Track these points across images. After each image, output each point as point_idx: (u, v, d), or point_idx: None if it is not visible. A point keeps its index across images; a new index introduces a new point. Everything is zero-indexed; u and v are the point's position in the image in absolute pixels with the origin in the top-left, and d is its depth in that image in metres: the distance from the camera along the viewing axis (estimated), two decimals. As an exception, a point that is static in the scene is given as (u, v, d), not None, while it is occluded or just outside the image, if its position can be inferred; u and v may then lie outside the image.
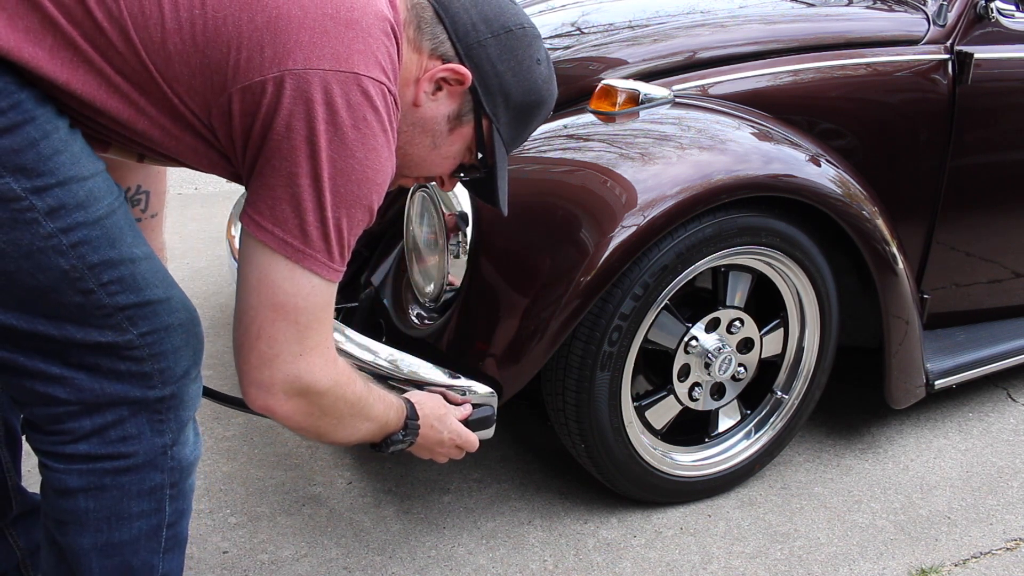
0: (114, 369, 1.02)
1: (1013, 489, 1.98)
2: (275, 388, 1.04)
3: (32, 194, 0.92)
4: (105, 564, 1.09)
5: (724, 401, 1.88)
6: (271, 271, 1.00)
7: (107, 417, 1.04)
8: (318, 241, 1.00)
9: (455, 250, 1.61)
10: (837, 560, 1.74)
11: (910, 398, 2.01)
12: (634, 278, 1.59)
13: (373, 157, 1.01)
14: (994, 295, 2.29)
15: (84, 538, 1.07)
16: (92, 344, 1.00)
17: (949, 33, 2.02)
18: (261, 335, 1.02)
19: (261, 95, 0.96)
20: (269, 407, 1.06)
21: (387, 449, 1.32)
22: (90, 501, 1.06)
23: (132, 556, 1.11)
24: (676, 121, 1.71)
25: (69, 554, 1.09)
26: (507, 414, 1.72)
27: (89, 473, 1.05)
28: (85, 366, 1.01)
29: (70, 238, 0.95)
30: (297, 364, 1.04)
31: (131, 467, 1.06)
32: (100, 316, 0.99)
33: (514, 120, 1.19)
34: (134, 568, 1.11)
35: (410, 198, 1.72)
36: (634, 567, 1.70)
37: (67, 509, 1.06)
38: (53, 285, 0.95)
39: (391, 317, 1.76)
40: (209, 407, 2.22)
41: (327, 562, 1.69)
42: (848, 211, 1.73)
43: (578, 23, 2.15)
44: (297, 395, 1.06)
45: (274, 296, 1.01)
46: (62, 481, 1.05)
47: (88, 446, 1.04)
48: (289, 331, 1.02)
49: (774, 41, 1.94)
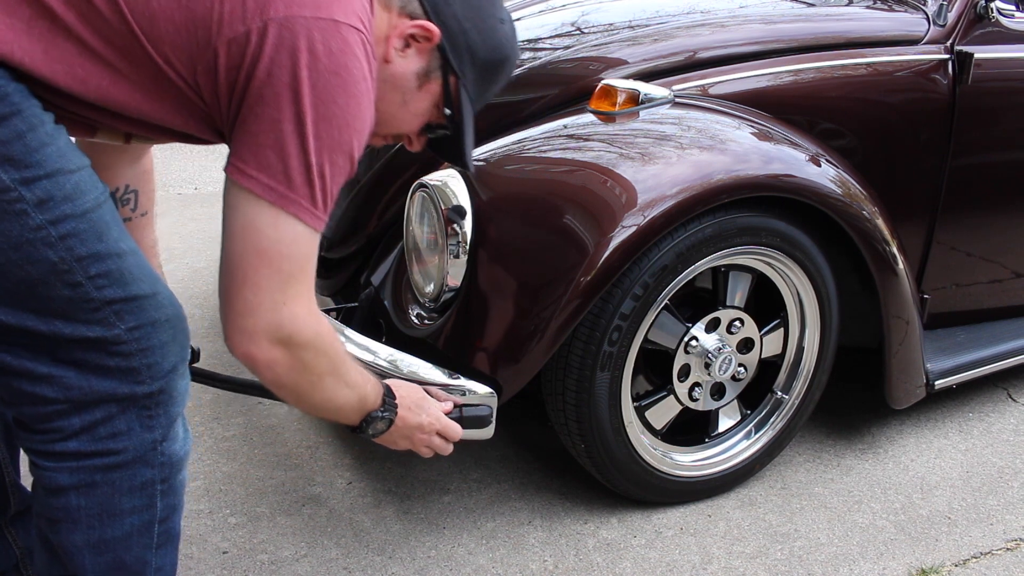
0: (102, 365, 1.02)
1: (1013, 489, 1.98)
2: (258, 335, 1.04)
3: (21, 185, 0.92)
4: (98, 561, 1.09)
5: (724, 401, 1.88)
6: (256, 217, 1.01)
7: (96, 414, 1.04)
8: (302, 186, 1.01)
9: (455, 250, 1.61)
10: (837, 560, 1.74)
11: (910, 398, 2.01)
12: (634, 278, 1.59)
13: (354, 104, 1.02)
14: (994, 295, 2.29)
15: (76, 535, 1.07)
16: (80, 339, 1.00)
17: (949, 33, 2.02)
18: (246, 282, 1.03)
19: (245, 45, 0.96)
20: (251, 355, 1.06)
21: (367, 428, 1.30)
22: (81, 498, 1.06)
23: (125, 552, 1.11)
24: (676, 121, 1.71)
25: (62, 552, 1.09)
26: (507, 414, 1.72)
27: (80, 470, 1.05)
28: (73, 363, 1.01)
29: (59, 230, 0.95)
30: (280, 312, 1.04)
31: (121, 463, 1.07)
32: (88, 310, 0.99)
33: (480, 78, 1.21)
34: (127, 564, 1.12)
35: (410, 198, 1.72)
36: (634, 567, 1.70)
37: (59, 507, 1.06)
38: (42, 277, 0.96)
39: (391, 317, 1.76)
40: (209, 407, 2.22)
41: (327, 562, 1.69)
42: (848, 211, 1.73)
43: (578, 23, 2.16)
44: (279, 344, 1.06)
45: (259, 242, 1.02)
46: (53, 479, 1.05)
47: (78, 443, 1.04)
48: (273, 279, 1.03)
49: (774, 41, 1.94)
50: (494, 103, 1.91)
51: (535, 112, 1.86)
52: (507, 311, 1.58)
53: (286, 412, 2.21)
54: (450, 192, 1.64)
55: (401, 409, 1.32)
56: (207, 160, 4.92)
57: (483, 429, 1.57)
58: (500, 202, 1.62)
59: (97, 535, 1.08)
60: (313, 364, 1.11)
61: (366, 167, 2.04)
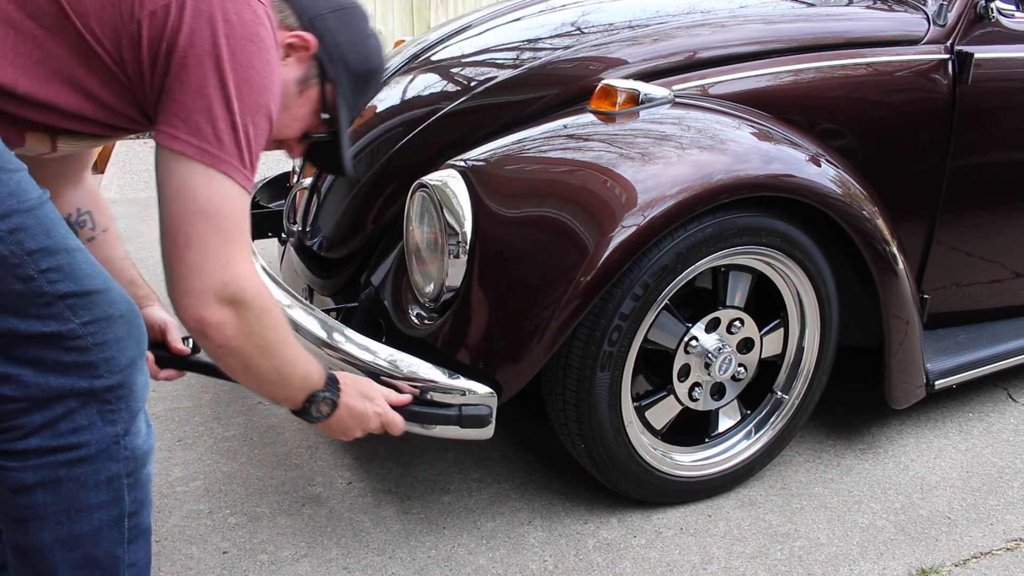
0: (59, 361, 1.03)
1: (1013, 489, 1.98)
2: (207, 296, 1.06)
3: None
4: (68, 558, 1.09)
5: (724, 401, 1.88)
6: (191, 178, 1.05)
7: (56, 410, 1.05)
8: (231, 146, 1.05)
9: (455, 250, 1.61)
10: (837, 560, 1.74)
11: (910, 398, 2.01)
12: (634, 278, 1.59)
13: (268, 69, 1.08)
14: (994, 295, 2.29)
15: (45, 533, 1.07)
16: (35, 335, 1.01)
17: (949, 33, 2.02)
18: (189, 243, 1.06)
19: (166, 17, 1.02)
20: (202, 317, 1.07)
21: (310, 408, 1.31)
22: (47, 495, 1.06)
23: (95, 548, 1.11)
24: (676, 121, 1.71)
25: (32, 553, 1.09)
26: (507, 414, 1.72)
27: (44, 467, 1.05)
28: (30, 361, 1.02)
29: (6, 224, 0.97)
30: (226, 271, 1.07)
31: (85, 457, 1.07)
32: (41, 305, 1.01)
33: (354, 86, 1.30)
34: (98, 560, 1.11)
35: (410, 198, 1.72)
36: (634, 567, 1.70)
37: (25, 506, 1.06)
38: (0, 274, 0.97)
39: (391, 317, 1.76)
40: (209, 407, 2.22)
41: (327, 562, 1.69)
42: (848, 211, 1.73)
43: (578, 23, 2.15)
44: (227, 304, 1.08)
45: (196, 202, 1.05)
46: (18, 479, 1.05)
47: (40, 440, 1.04)
48: (214, 237, 1.06)
49: (774, 41, 1.94)
50: (494, 103, 1.93)
51: (535, 112, 1.87)
52: (507, 311, 1.58)
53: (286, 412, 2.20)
54: (450, 192, 1.64)
55: (344, 395, 1.33)
56: (207, 160, 4.91)
57: (483, 429, 1.57)
58: (500, 202, 1.62)
59: (66, 531, 1.08)
60: (259, 326, 1.12)
61: (366, 167, 2.04)
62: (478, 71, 2.07)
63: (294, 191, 2.27)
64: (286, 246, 2.38)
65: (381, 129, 2.08)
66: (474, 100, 1.95)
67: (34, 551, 1.09)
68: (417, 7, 6.49)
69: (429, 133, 1.95)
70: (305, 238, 2.15)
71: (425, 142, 1.95)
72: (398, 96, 2.14)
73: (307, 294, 2.14)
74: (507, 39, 2.19)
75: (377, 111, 2.14)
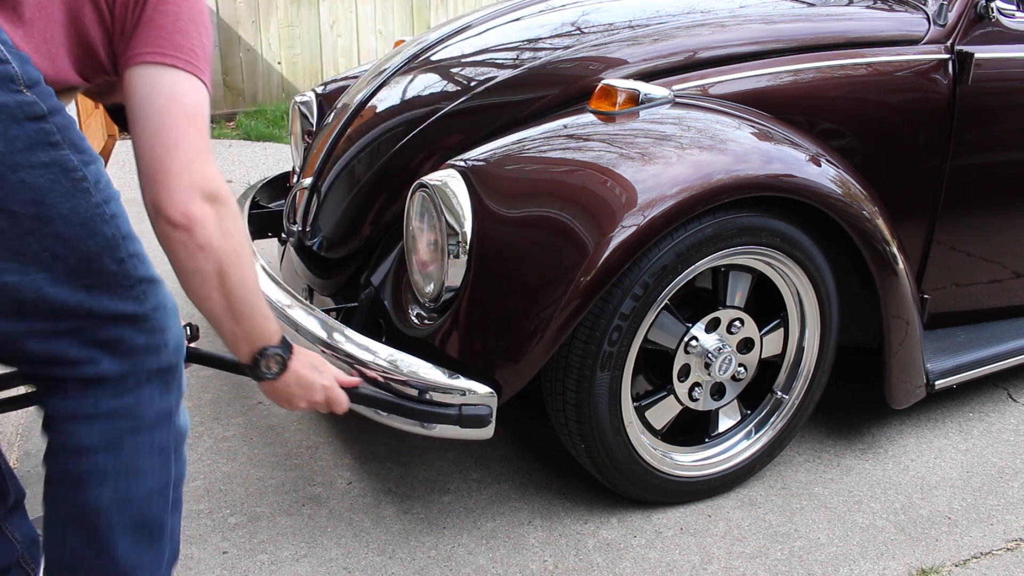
0: (134, 342, 1.15)
1: (1014, 489, 1.98)
2: (195, 191, 1.15)
3: (83, 166, 1.07)
4: (123, 519, 1.18)
5: (724, 401, 1.88)
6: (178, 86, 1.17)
7: (128, 383, 1.16)
8: (203, 60, 1.21)
9: (455, 250, 1.61)
10: (837, 560, 1.74)
11: (910, 398, 2.01)
12: (634, 278, 1.59)
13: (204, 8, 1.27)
14: (994, 295, 2.29)
15: (104, 492, 1.16)
16: (120, 315, 1.12)
17: (949, 33, 2.02)
18: (180, 143, 1.15)
19: None
20: (190, 212, 1.14)
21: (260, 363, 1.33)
22: (109, 457, 1.16)
23: (147, 510, 1.20)
24: (676, 121, 1.71)
25: (89, 513, 1.17)
26: (507, 414, 1.72)
27: (108, 432, 1.15)
28: (111, 341, 1.13)
29: (110, 209, 1.10)
30: (207, 168, 1.18)
31: (143, 426, 1.18)
32: (127, 286, 1.13)
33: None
34: (148, 522, 1.21)
35: (410, 198, 1.72)
36: (634, 567, 1.70)
37: (86, 467, 1.15)
38: (99, 251, 1.09)
39: (391, 317, 1.76)
40: (209, 407, 2.22)
41: (327, 562, 1.69)
42: (848, 211, 1.73)
43: (578, 23, 2.15)
44: (210, 201, 1.17)
45: (184, 107, 1.17)
46: (82, 440, 1.14)
47: (109, 404, 1.15)
48: (199, 137, 1.18)
49: (774, 41, 1.94)
50: (494, 103, 1.93)
51: (535, 112, 1.87)
52: (507, 311, 1.58)
53: (286, 412, 2.21)
54: (450, 192, 1.64)
55: (295, 360, 1.38)
56: (207, 160, 4.91)
57: (483, 429, 1.57)
58: (500, 202, 1.62)
59: (123, 492, 1.17)
60: (235, 228, 1.22)
61: (366, 167, 2.04)
62: (478, 71, 2.07)
63: (294, 191, 2.27)
64: (286, 246, 2.38)
65: (381, 129, 2.08)
66: (474, 100, 1.95)
67: (92, 511, 1.17)
68: (417, 7, 6.49)
69: (429, 133, 1.95)
70: (305, 238, 2.15)
71: (425, 142, 1.95)
72: (398, 96, 2.14)
73: (307, 294, 2.15)
74: (507, 39, 2.19)
75: (377, 111, 2.14)
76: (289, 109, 3.52)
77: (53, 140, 1.05)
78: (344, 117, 2.19)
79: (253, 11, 5.85)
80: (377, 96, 2.18)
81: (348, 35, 6.26)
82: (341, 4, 6.17)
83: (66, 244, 1.06)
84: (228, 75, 5.89)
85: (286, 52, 6.06)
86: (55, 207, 1.05)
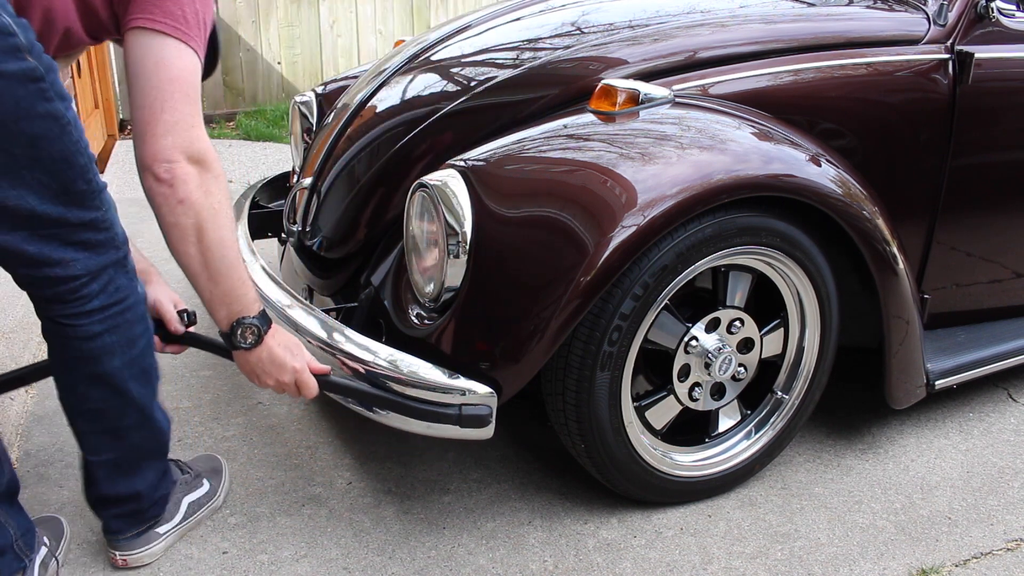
0: (96, 240, 1.40)
1: (1014, 489, 1.98)
2: (177, 151, 1.33)
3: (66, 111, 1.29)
4: (132, 373, 1.51)
5: (724, 401, 1.88)
6: (165, 52, 1.34)
7: (104, 278, 1.42)
8: (195, 27, 1.35)
9: (455, 250, 1.61)
10: (837, 560, 1.74)
11: (910, 398, 2.01)
12: (634, 278, 1.59)
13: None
14: (994, 295, 2.29)
15: (116, 361, 1.48)
16: (87, 221, 1.37)
17: (949, 33, 2.01)
18: (164, 107, 1.33)
19: None
20: (173, 171, 1.33)
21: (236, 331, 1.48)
22: (113, 336, 1.46)
23: (144, 361, 1.53)
24: (676, 121, 1.71)
25: (108, 377, 1.49)
26: (507, 414, 1.72)
27: (107, 318, 1.45)
28: (80, 243, 1.38)
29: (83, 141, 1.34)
30: (192, 132, 1.35)
31: (129, 306, 1.48)
32: (91, 198, 1.37)
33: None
34: (146, 369, 1.54)
35: (410, 198, 1.72)
36: (634, 567, 1.70)
37: (98, 347, 1.46)
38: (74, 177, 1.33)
39: (391, 317, 1.76)
40: (209, 407, 2.22)
41: (327, 562, 1.69)
42: (848, 211, 1.73)
43: (578, 23, 2.15)
44: (193, 162, 1.35)
45: (170, 71, 1.33)
46: (90, 330, 1.44)
47: (100, 301, 1.43)
48: (184, 102, 1.34)
49: (774, 41, 1.94)
50: (494, 103, 1.93)
51: (535, 112, 1.87)
52: (507, 311, 1.58)
53: (286, 412, 2.21)
54: (450, 192, 1.64)
55: (271, 336, 1.52)
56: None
57: (483, 429, 1.57)
58: (500, 202, 1.62)
59: (128, 356, 1.49)
60: (216, 188, 1.38)
61: (366, 167, 2.04)
62: (478, 71, 2.06)
63: (294, 191, 2.27)
64: (286, 246, 2.38)
65: (381, 129, 2.08)
66: (474, 100, 1.95)
67: (110, 376, 1.49)
68: (417, 7, 6.49)
69: (429, 133, 1.95)
70: (305, 238, 2.15)
71: (425, 142, 1.95)
72: (398, 96, 2.14)
73: (307, 294, 2.14)
74: (507, 39, 2.19)
75: (377, 111, 2.14)
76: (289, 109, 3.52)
77: (48, 95, 1.26)
78: (344, 117, 2.19)
79: (253, 11, 5.85)
80: (377, 96, 2.18)
81: (348, 35, 6.26)
82: (341, 4, 6.17)
83: (52, 175, 1.30)
84: (228, 75, 5.89)
85: (286, 52, 6.06)
86: (46, 149, 1.28)
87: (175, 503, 1.72)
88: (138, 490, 1.62)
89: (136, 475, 1.61)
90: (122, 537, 1.65)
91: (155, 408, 1.60)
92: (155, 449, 1.64)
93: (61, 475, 1.93)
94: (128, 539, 1.65)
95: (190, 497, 1.76)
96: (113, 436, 1.55)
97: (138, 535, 1.66)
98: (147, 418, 1.57)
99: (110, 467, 1.58)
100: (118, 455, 1.58)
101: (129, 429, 1.56)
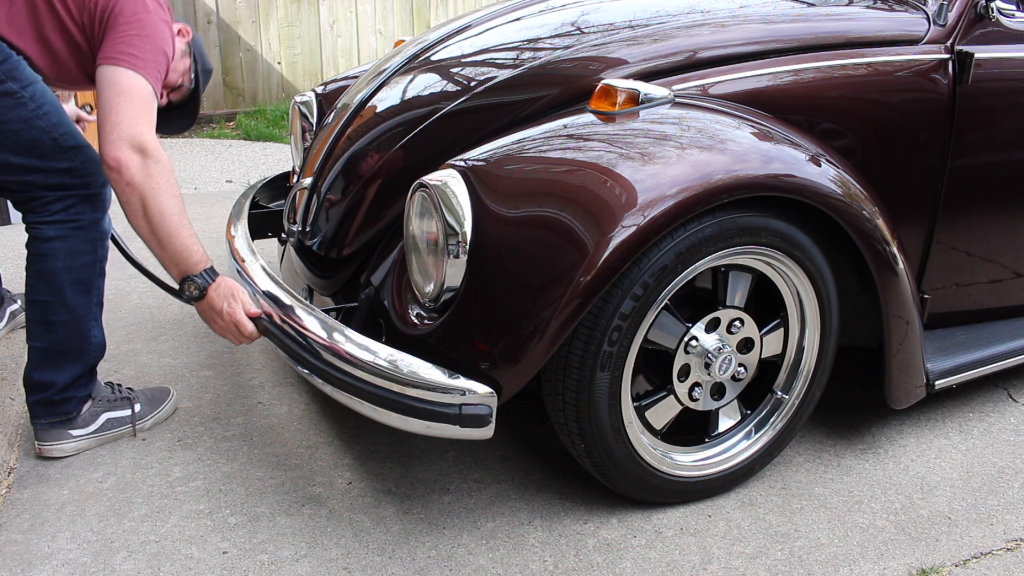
0: (72, 184, 1.85)
1: (1014, 489, 1.98)
2: (122, 142, 1.69)
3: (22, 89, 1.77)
4: (69, 277, 1.89)
5: (724, 401, 1.88)
6: (118, 75, 1.75)
7: (68, 201, 1.87)
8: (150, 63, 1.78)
9: (455, 250, 1.61)
10: (837, 560, 1.74)
11: (910, 398, 2.01)
12: (634, 278, 1.59)
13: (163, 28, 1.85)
14: (994, 295, 2.29)
15: (57, 263, 1.88)
16: (60, 168, 1.83)
17: (949, 33, 2.02)
18: (112, 111, 1.71)
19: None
20: (117, 157, 1.68)
21: (184, 286, 1.78)
22: (60, 243, 1.87)
23: (83, 272, 1.91)
24: (676, 121, 1.71)
25: (49, 274, 1.88)
26: (507, 414, 1.72)
27: (60, 226, 1.87)
28: (58, 185, 1.84)
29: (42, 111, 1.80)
30: (134, 128, 1.71)
31: (82, 225, 1.89)
32: (60, 152, 1.82)
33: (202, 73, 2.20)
34: (83, 280, 1.91)
35: (410, 198, 1.72)
36: (634, 567, 1.70)
37: (47, 248, 1.87)
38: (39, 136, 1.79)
39: (391, 317, 1.76)
40: (209, 407, 2.22)
41: (327, 562, 1.69)
42: (848, 211, 1.73)
43: (578, 23, 2.16)
44: (136, 151, 1.70)
45: (119, 87, 1.74)
46: (45, 232, 1.87)
47: (59, 216, 1.86)
48: (128, 107, 1.72)
49: (774, 41, 1.94)
50: (494, 103, 1.93)
51: (535, 112, 1.87)
52: (507, 311, 1.58)
53: (286, 412, 2.21)
54: (450, 192, 1.64)
55: (213, 289, 1.79)
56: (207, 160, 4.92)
57: (483, 429, 1.57)
58: (500, 202, 1.62)
59: (69, 262, 1.89)
60: (156, 171, 1.71)
61: (366, 166, 2.04)
62: (478, 71, 2.07)
63: (294, 191, 2.27)
64: (286, 246, 2.38)
65: (381, 129, 2.08)
66: (474, 100, 1.95)
67: (51, 274, 1.88)
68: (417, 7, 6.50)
69: (429, 133, 1.95)
70: (305, 238, 2.15)
71: (425, 142, 1.95)
72: (398, 96, 2.14)
73: (307, 294, 2.15)
74: (507, 39, 2.19)
75: (377, 111, 2.14)
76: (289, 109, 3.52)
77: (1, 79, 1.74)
78: (344, 117, 2.19)
79: (253, 11, 5.85)
80: (377, 96, 2.18)
81: (348, 35, 6.26)
82: (341, 4, 6.17)
83: (17, 135, 1.77)
84: (228, 75, 5.89)
85: (286, 52, 6.06)
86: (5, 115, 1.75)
87: (92, 414, 2.01)
88: (54, 380, 1.94)
89: (56, 368, 1.94)
90: (38, 425, 1.97)
91: (90, 320, 1.94)
92: (78, 352, 1.95)
93: (61, 475, 1.93)
94: (43, 427, 1.97)
95: (110, 414, 2.04)
96: (45, 327, 1.92)
97: (51, 426, 1.96)
98: (76, 321, 1.92)
99: (39, 353, 1.93)
100: (45, 345, 1.93)
101: (57, 324, 1.91)
